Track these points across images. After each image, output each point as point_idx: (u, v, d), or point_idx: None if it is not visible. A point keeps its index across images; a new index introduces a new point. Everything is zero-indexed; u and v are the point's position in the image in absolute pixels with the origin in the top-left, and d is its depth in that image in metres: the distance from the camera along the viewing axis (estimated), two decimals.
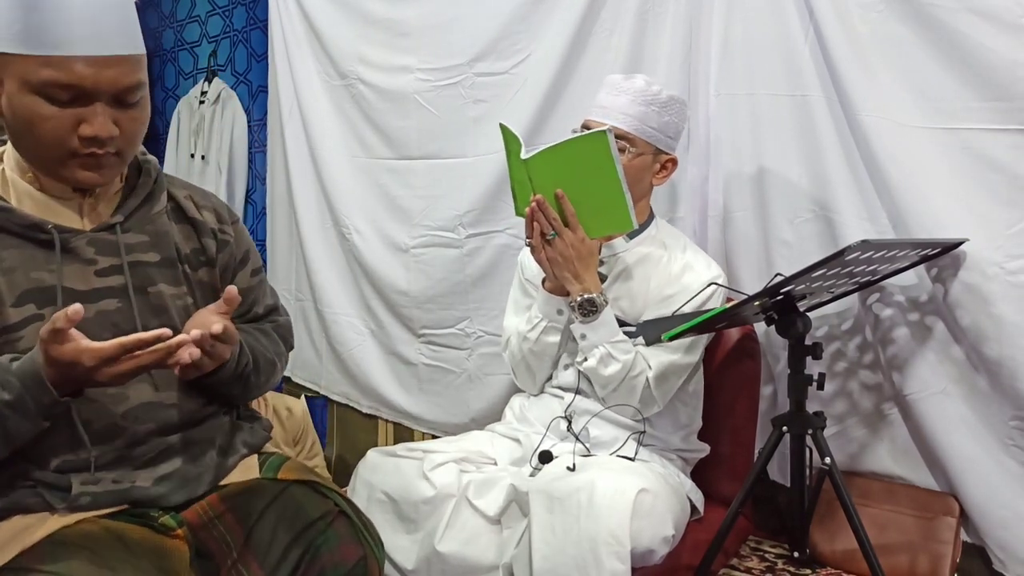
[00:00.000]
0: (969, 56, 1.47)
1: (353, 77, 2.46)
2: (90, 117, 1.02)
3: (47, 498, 1.04)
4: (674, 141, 1.62)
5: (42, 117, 1.01)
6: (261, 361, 1.23)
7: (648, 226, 1.67)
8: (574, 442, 1.57)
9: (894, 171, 1.55)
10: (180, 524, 1.10)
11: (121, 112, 1.05)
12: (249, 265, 1.31)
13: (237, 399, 1.25)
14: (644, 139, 1.56)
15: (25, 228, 1.07)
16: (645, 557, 1.34)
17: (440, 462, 1.54)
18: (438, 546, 1.42)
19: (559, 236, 1.46)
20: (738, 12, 1.78)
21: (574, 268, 1.48)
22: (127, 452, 1.09)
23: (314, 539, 1.12)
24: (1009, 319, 1.43)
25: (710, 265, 1.62)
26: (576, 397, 1.61)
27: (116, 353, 0.94)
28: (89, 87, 1.01)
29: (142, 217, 1.17)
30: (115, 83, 1.03)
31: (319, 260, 2.62)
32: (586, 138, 1.39)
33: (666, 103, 1.57)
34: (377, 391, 2.52)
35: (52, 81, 0.99)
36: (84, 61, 1.00)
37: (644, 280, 1.61)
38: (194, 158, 3.18)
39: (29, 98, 1.01)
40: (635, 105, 1.55)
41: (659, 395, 1.55)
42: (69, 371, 0.95)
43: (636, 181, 1.55)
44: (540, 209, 1.45)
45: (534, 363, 1.66)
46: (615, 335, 1.52)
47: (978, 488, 1.54)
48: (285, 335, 1.35)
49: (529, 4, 2.08)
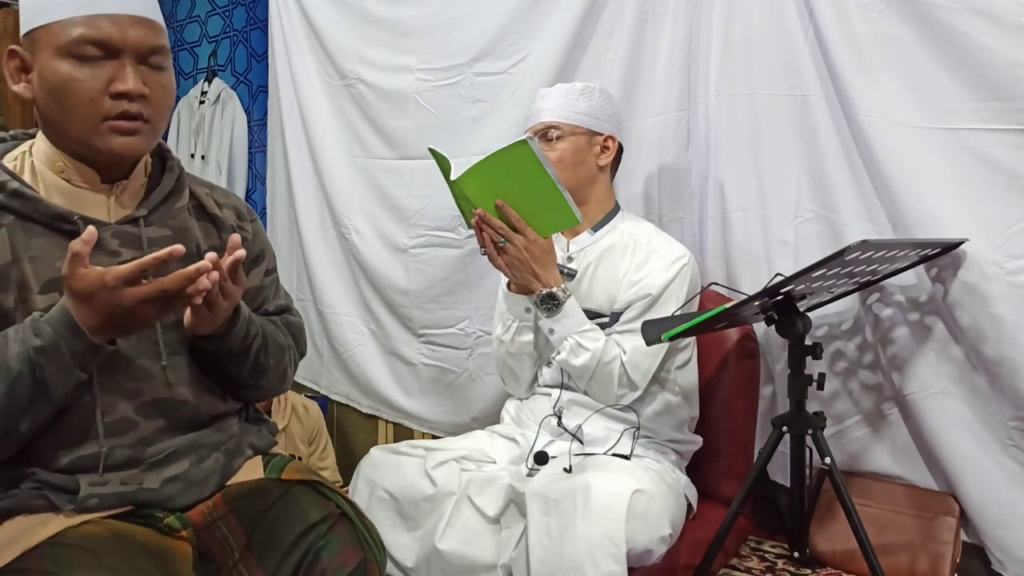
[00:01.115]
0: (969, 56, 1.47)
1: (353, 77, 2.46)
2: (120, 74, 1.06)
3: (53, 500, 1.04)
4: (606, 123, 1.69)
5: (74, 79, 1.05)
6: (270, 341, 1.23)
7: (613, 217, 1.72)
8: (570, 440, 1.58)
9: (894, 171, 1.55)
10: (185, 525, 1.10)
11: (149, 74, 1.09)
12: (263, 264, 1.32)
13: (247, 384, 1.23)
14: (570, 123, 1.66)
15: (51, 218, 1.09)
16: (643, 557, 1.34)
17: (442, 460, 1.55)
18: (438, 544, 1.43)
19: (510, 242, 1.50)
20: (738, 12, 1.78)
21: (531, 268, 1.52)
22: (137, 452, 1.09)
23: (315, 542, 1.12)
24: (1008, 319, 1.43)
25: (675, 246, 1.66)
26: (562, 392, 1.63)
27: (135, 273, 0.95)
28: (117, 43, 1.06)
29: (165, 212, 1.18)
30: (141, 42, 1.08)
31: (319, 260, 2.62)
32: (508, 149, 1.41)
33: (583, 90, 1.69)
34: (377, 391, 2.52)
35: (82, 37, 1.04)
36: (111, 19, 1.06)
37: (613, 269, 1.65)
38: (194, 158, 3.18)
39: (61, 63, 1.05)
40: (556, 99, 1.68)
41: (637, 378, 1.57)
42: (95, 301, 0.96)
43: (578, 163, 1.65)
44: (484, 222, 1.50)
45: (515, 365, 1.70)
46: (581, 325, 1.55)
47: (977, 488, 1.54)
48: (296, 333, 1.35)
49: (529, 4, 2.08)
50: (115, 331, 1.01)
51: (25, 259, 1.06)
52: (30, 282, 1.06)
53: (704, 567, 1.48)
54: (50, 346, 0.97)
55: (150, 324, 1.03)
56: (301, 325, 1.38)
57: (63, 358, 0.98)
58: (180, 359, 1.15)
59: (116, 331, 1.01)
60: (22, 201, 1.07)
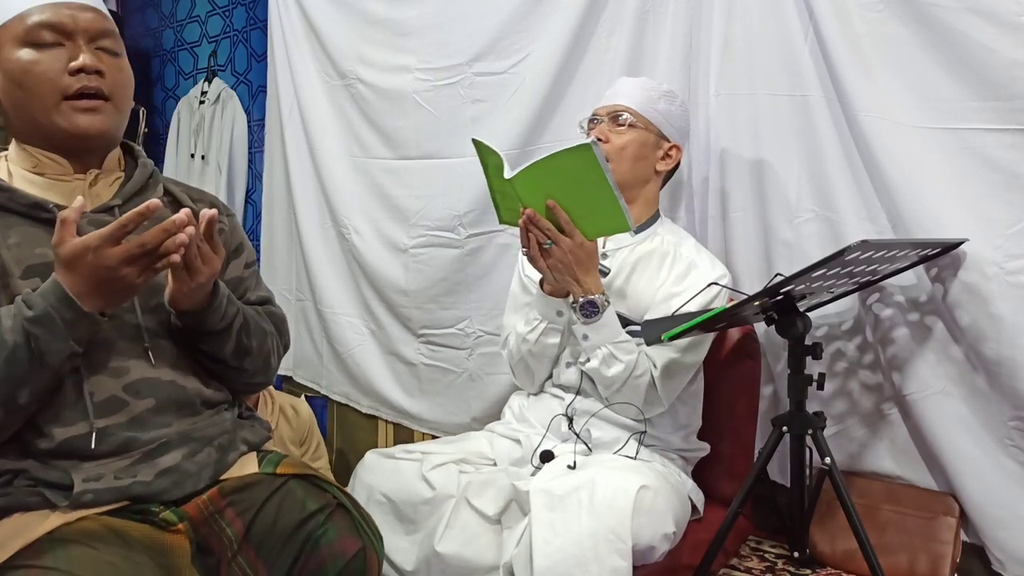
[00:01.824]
0: (969, 56, 1.47)
1: (352, 77, 2.46)
2: (76, 53, 1.14)
3: (48, 496, 1.05)
4: (677, 133, 1.66)
5: (33, 62, 1.12)
6: (251, 323, 1.26)
7: (654, 222, 1.68)
8: (575, 442, 1.57)
9: (894, 171, 1.55)
10: (181, 519, 1.10)
11: (105, 56, 1.17)
12: (243, 257, 1.36)
13: (231, 366, 1.25)
14: (646, 117, 1.63)
15: (28, 207, 1.13)
16: (646, 554, 1.34)
17: (439, 463, 1.54)
18: (437, 547, 1.42)
19: (556, 244, 1.45)
20: (738, 12, 1.78)
21: (574, 272, 1.47)
22: (131, 435, 1.10)
23: (313, 532, 1.13)
24: (1008, 319, 1.43)
25: (715, 264, 1.62)
26: (577, 397, 1.61)
27: (116, 232, 1.00)
28: (69, 26, 1.14)
29: (139, 202, 1.18)
30: (91, 25, 1.16)
31: (319, 260, 2.62)
32: (571, 151, 1.36)
33: (668, 92, 1.66)
34: (377, 391, 2.52)
35: (37, 23, 1.13)
36: (63, 6, 1.15)
37: (649, 277, 1.61)
38: (194, 158, 3.18)
39: (20, 51, 1.13)
40: (638, 89, 1.65)
41: (664, 394, 1.55)
42: (80, 265, 1.00)
43: (640, 157, 1.62)
44: (532, 222, 1.44)
45: (533, 364, 1.67)
46: (617, 335, 1.52)
47: (977, 488, 1.54)
48: (278, 323, 1.37)
49: (529, 4, 2.08)
50: (101, 296, 1.03)
51: (4, 247, 1.10)
52: (11, 268, 1.09)
53: (704, 567, 1.48)
54: (43, 315, 1.00)
55: (135, 287, 1.05)
56: (283, 316, 1.40)
57: (56, 326, 1.01)
58: (162, 342, 1.18)
59: (102, 296, 1.03)
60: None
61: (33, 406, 1.05)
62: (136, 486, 1.09)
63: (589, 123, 1.68)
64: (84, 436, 1.08)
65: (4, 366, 1.00)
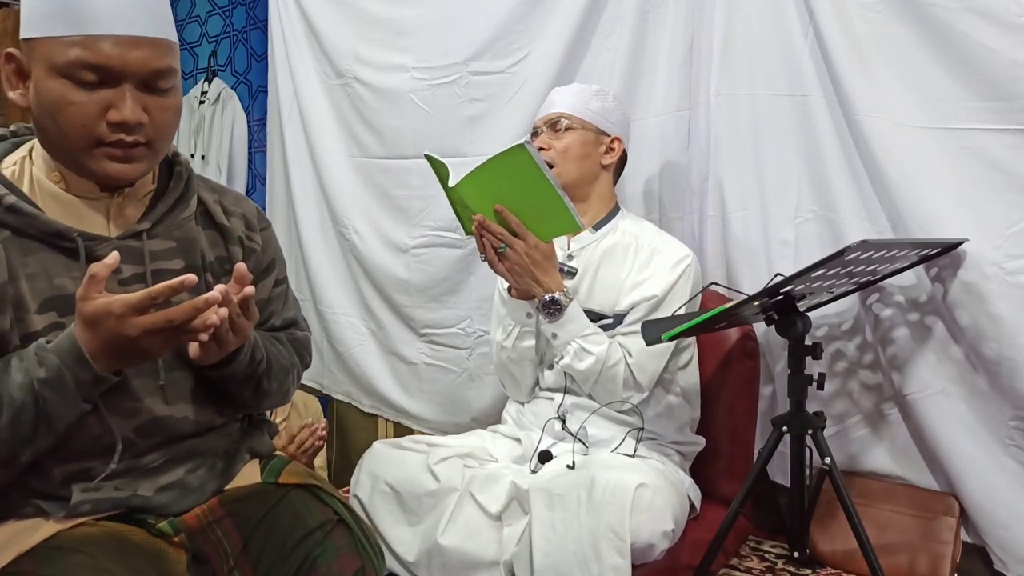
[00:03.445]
0: (969, 56, 1.47)
1: (350, 76, 2.46)
2: (118, 102, 0.99)
3: (44, 507, 1.03)
4: (615, 126, 1.70)
5: (68, 102, 0.99)
6: (274, 365, 1.19)
7: (614, 216, 1.72)
8: (572, 441, 1.57)
9: (894, 171, 1.55)
10: (177, 531, 1.08)
11: (151, 98, 1.02)
12: (273, 275, 1.27)
13: (248, 406, 1.21)
14: (581, 117, 1.67)
15: (50, 235, 1.03)
16: (645, 552, 1.34)
17: (445, 456, 1.55)
18: (440, 539, 1.43)
19: (510, 247, 1.49)
20: (738, 12, 1.78)
21: (532, 274, 1.51)
22: (133, 463, 1.07)
23: (312, 549, 1.10)
24: (1008, 319, 1.43)
25: (678, 246, 1.66)
26: (565, 396, 1.63)
27: (144, 302, 0.91)
28: (116, 67, 0.98)
29: (170, 223, 1.13)
30: (143, 65, 1.00)
31: (319, 260, 2.62)
32: (505, 154, 1.39)
33: (598, 91, 1.71)
34: (378, 391, 2.52)
35: (79, 61, 0.97)
36: (112, 41, 0.98)
37: (615, 269, 1.64)
38: (194, 158, 3.18)
39: (56, 82, 0.98)
40: (570, 95, 1.71)
41: (643, 380, 1.57)
42: (101, 327, 0.93)
43: (583, 156, 1.66)
44: (484, 227, 1.49)
45: (516, 370, 1.69)
46: (585, 329, 1.55)
47: (978, 488, 1.54)
48: (301, 350, 1.30)
49: (528, 4, 2.08)
50: (119, 360, 0.97)
51: (22, 277, 1.02)
52: (27, 301, 1.02)
53: (704, 567, 1.48)
54: (55, 377, 0.94)
55: (155, 356, 1.00)
56: (306, 340, 1.33)
57: (67, 389, 0.95)
58: (179, 374, 1.11)
59: (120, 361, 0.97)
60: (19, 217, 1.02)
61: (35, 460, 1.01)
62: (136, 499, 1.07)
63: (532, 136, 1.71)
64: (86, 471, 1.05)
65: (9, 425, 0.95)
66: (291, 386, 1.26)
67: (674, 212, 1.93)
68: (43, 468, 1.03)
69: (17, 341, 1.00)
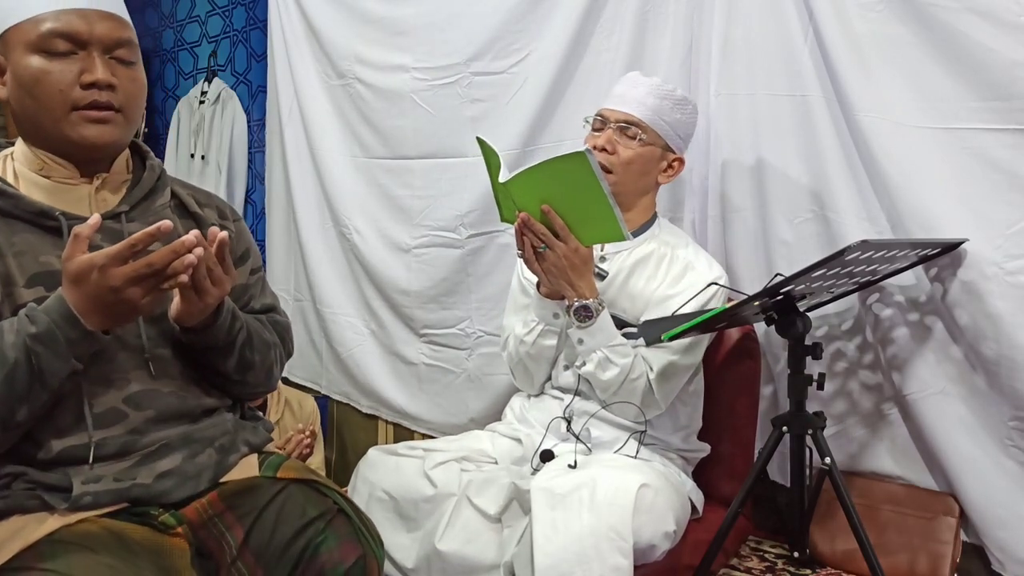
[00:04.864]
0: (969, 56, 1.47)
1: (350, 76, 2.46)
2: (89, 66, 1.11)
3: (47, 499, 1.04)
4: (683, 143, 1.65)
5: (45, 71, 1.10)
6: (255, 337, 1.24)
7: (651, 225, 1.67)
8: (575, 442, 1.57)
9: (893, 171, 1.55)
10: (180, 522, 1.10)
11: (119, 68, 1.14)
12: (249, 263, 1.33)
13: (233, 380, 1.23)
14: (655, 130, 1.59)
15: (33, 215, 1.11)
16: (647, 553, 1.34)
17: (441, 461, 1.54)
18: (438, 545, 1.42)
19: (550, 248, 1.46)
20: (738, 12, 1.78)
21: (568, 277, 1.48)
22: (129, 441, 1.10)
23: (313, 538, 1.12)
24: (1007, 319, 1.44)
25: (711, 265, 1.62)
26: (575, 399, 1.61)
27: (124, 252, 0.98)
28: (85, 35, 1.11)
29: (146, 209, 1.21)
30: (108, 35, 1.13)
31: (318, 260, 2.62)
32: (565, 158, 1.36)
33: (680, 101, 1.62)
34: (377, 391, 2.52)
35: (51, 31, 1.10)
36: (79, 13, 1.12)
37: (646, 280, 1.61)
38: (194, 158, 3.18)
39: (32, 58, 1.10)
40: (651, 97, 1.60)
41: (661, 396, 1.55)
42: (86, 282, 0.98)
43: (642, 173, 1.60)
44: (527, 226, 1.45)
45: (531, 365, 1.67)
46: (612, 339, 1.52)
47: (976, 488, 1.54)
48: (282, 332, 1.35)
49: (528, 4, 2.08)
50: (106, 315, 1.02)
51: (9, 254, 1.09)
52: (15, 276, 1.08)
53: (704, 567, 1.48)
54: (46, 333, 0.99)
55: (140, 309, 1.03)
56: (287, 325, 1.38)
57: (58, 345, 1.00)
58: (163, 351, 1.16)
59: (107, 315, 1.02)
60: (3, 198, 1.10)
61: (31, 422, 1.04)
62: (136, 488, 1.09)
63: (595, 121, 1.65)
64: (82, 447, 1.07)
65: (4, 382, 0.99)
66: (274, 364, 1.30)
67: (674, 212, 1.93)
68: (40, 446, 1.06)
69: (8, 315, 1.05)
